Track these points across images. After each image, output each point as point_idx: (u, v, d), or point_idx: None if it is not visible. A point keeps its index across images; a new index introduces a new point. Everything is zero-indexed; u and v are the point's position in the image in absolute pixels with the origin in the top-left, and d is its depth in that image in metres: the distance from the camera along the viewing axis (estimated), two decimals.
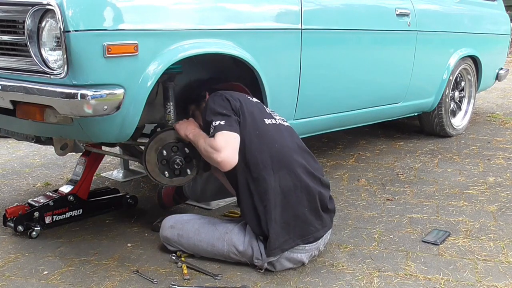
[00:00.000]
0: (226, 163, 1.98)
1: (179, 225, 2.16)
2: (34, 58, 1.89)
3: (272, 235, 1.98)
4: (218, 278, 2.00)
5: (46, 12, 1.84)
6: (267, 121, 2.13)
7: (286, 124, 2.22)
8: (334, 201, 2.19)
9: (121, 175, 3.31)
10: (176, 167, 2.21)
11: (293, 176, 2.04)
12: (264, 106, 2.26)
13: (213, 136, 2.00)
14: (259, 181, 2.02)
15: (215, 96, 2.12)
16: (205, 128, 2.09)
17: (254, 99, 2.25)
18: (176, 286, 1.94)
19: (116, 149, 2.88)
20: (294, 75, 2.65)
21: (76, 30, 1.79)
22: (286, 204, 2.02)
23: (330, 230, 2.16)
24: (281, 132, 2.14)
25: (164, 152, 2.20)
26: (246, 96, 2.23)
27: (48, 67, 1.89)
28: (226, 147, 1.97)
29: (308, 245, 2.05)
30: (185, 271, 2.03)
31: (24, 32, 1.89)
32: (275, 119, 2.19)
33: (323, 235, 2.10)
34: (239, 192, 2.08)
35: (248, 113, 2.09)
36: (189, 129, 2.16)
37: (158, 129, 2.39)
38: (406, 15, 3.32)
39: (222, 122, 2.00)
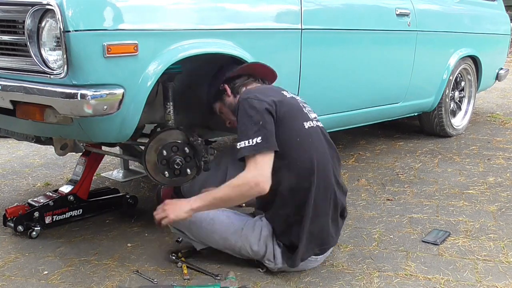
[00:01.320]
0: (265, 185, 1.83)
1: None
2: (34, 58, 1.89)
3: (301, 247, 1.92)
4: (218, 278, 1.99)
5: (46, 12, 1.84)
6: (307, 124, 1.98)
7: (320, 124, 2.09)
8: (346, 209, 2.16)
9: (121, 175, 3.31)
10: (176, 167, 2.21)
11: (328, 188, 1.97)
12: (300, 102, 2.07)
13: (242, 160, 1.86)
14: (299, 192, 1.91)
15: (245, 99, 1.91)
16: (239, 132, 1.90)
17: (289, 93, 2.06)
18: (176, 286, 1.94)
19: (116, 149, 2.88)
20: (294, 75, 2.65)
21: (76, 30, 1.79)
22: (316, 215, 1.94)
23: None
24: (319, 138, 2.01)
25: (164, 152, 2.20)
26: (281, 91, 2.05)
27: (48, 67, 1.89)
28: (264, 173, 1.82)
29: (321, 255, 2.04)
30: (185, 271, 2.03)
31: (24, 32, 1.89)
32: (311, 120, 2.04)
33: (334, 244, 2.10)
34: (273, 200, 1.95)
35: (288, 114, 1.92)
36: (184, 205, 1.94)
37: (158, 129, 2.39)
38: (406, 15, 3.32)
39: (258, 140, 1.82)
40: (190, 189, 2.55)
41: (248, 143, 1.84)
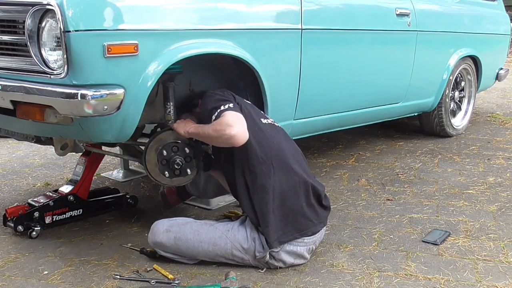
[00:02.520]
0: (239, 136, 1.97)
1: (176, 228, 2.09)
2: (34, 58, 1.89)
3: (271, 227, 2.00)
4: (176, 282, 1.97)
5: (46, 12, 1.84)
6: (264, 120, 2.19)
7: (277, 124, 2.28)
8: (328, 199, 2.22)
9: (121, 175, 3.31)
10: (176, 167, 2.21)
11: (291, 171, 2.08)
12: (255, 107, 2.29)
13: (219, 116, 2.01)
14: (257, 175, 2.03)
15: (211, 92, 2.16)
16: (206, 118, 2.09)
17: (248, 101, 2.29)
18: (176, 286, 1.94)
19: (116, 149, 2.88)
20: (294, 75, 2.65)
21: (76, 30, 1.79)
22: (284, 198, 2.04)
23: (325, 226, 2.19)
24: (277, 131, 2.19)
25: (164, 152, 2.20)
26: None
27: (48, 67, 1.89)
28: (237, 121, 1.98)
29: (307, 238, 2.08)
30: (170, 276, 2.01)
31: (24, 32, 1.89)
32: (267, 118, 2.25)
33: (319, 230, 2.13)
34: (237, 186, 2.08)
35: (246, 109, 2.13)
36: (187, 125, 2.18)
37: (158, 129, 2.39)
38: (406, 15, 3.32)
39: (229, 105, 2.03)
40: (193, 185, 2.54)
41: (220, 108, 2.02)
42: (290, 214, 2.05)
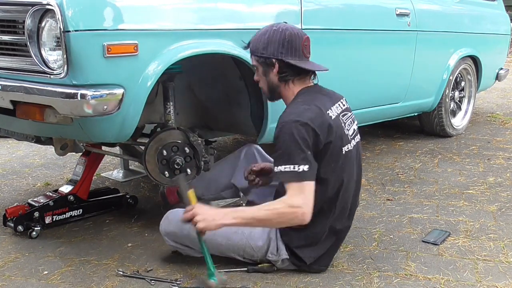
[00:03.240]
0: (308, 217, 1.84)
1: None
2: (34, 58, 1.89)
3: (311, 260, 2.01)
4: (178, 282, 1.96)
5: (46, 12, 1.84)
6: (345, 149, 1.96)
7: (357, 139, 2.08)
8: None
9: (121, 175, 3.31)
10: (176, 167, 2.21)
11: (345, 210, 2.05)
12: (343, 119, 2.01)
13: (286, 181, 1.83)
14: (319, 214, 1.94)
15: (292, 122, 1.83)
16: (275, 154, 1.87)
17: (333, 112, 1.96)
18: (176, 286, 1.94)
19: (116, 149, 2.88)
20: None
21: (76, 30, 1.79)
22: (333, 232, 2.04)
23: None
24: (352, 161, 2.01)
25: (164, 152, 2.20)
26: (326, 105, 1.96)
27: (48, 67, 1.89)
28: (308, 203, 1.82)
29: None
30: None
31: (24, 32, 1.89)
32: (350, 141, 2.01)
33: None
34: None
35: (331, 144, 1.90)
36: (221, 218, 1.88)
37: (158, 129, 2.39)
38: (406, 15, 3.32)
39: (306, 168, 1.80)
40: (196, 184, 2.54)
41: (294, 168, 1.80)
42: (333, 246, 2.06)
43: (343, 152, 1.96)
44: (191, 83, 2.54)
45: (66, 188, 2.55)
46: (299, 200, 1.81)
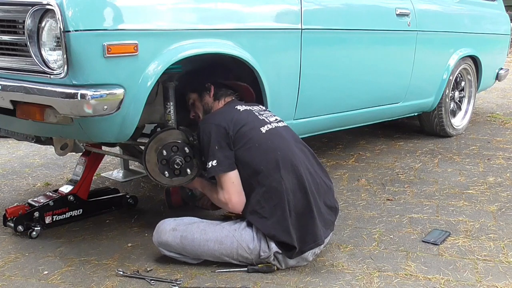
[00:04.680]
0: (238, 208, 2.10)
1: (182, 227, 2.09)
2: (34, 58, 1.89)
3: (294, 243, 1.99)
4: (178, 282, 1.97)
5: (46, 12, 1.84)
6: (263, 129, 2.14)
7: (281, 124, 2.24)
8: (337, 201, 2.23)
9: (121, 175, 3.31)
10: (176, 167, 2.21)
11: (303, 179, 2.06)
12: (256, 113, 2.23)
13: (211, 172, 2.08)
14: (271, 193, 2.02)
15: (204, 125, 2.14)
16: (203, 151, 2.14)
17: (243, 107, 2.24)
18: (176, 286, 1.94)
19: (116, 149, 2.88)
20: (294, 75, 2.65)
21: (76, 30, 1.79)
22: (299, 208, 2.03)
23: (332, 232, 2.19)
24: (279, 136, 2.15)
25: (164, 152, 2.20)
26: (235, 107, 2.22)
27: (48, 67, 1.89)
28: (230, 196, 2.08)
29: (316, 249, 2.10)
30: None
31: (24, 32, 1.89)
32: (269, 122, 2.19)
33: (327, 235, 2.14)
34: (250, 205, 2.07)
35: (242, 130, 2.10)
36: (199, 183, 2.28)
37: (158, 129, 2.39)
38: (406, 15, 3.32)
39: (214, 163, 2.06)
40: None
41: (210, 165, 2.07)
42: (305, 224, 2.04)
43: (263, 131, 2.12)
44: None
45: (66, 188, 2.55)
46: (221, 197, 2.11)
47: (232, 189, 2.08)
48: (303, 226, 2.03)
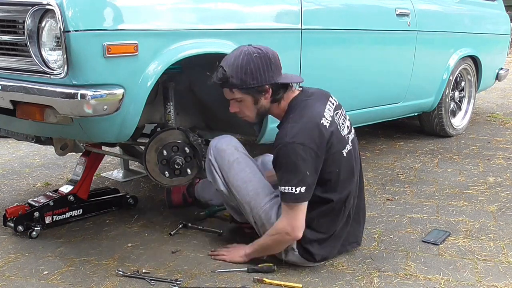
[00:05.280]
0: (298, 235, 1.94)
1: (242, 154, 2.08)
2: (34, 58, 1.89)
3: (321, 244, 2.03)
4: (178, 282, 1.96)
5: (46, 12, 1.84)
6: (345, 151, 2.00)
7: (352, 136, 2.13)
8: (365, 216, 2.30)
9: (121, 175, 3.31)
10: (177, 167, 2.21)
11: (357, 201, 2.11)
12: (339, 125, 2.03)
13: (284, 200, 1.91)
14: (327, 212, 2.01)
15: (293, 144, 1.86)
16: (275, 168, 1.93)
17: (328, 119, 1.96)
18: (176, 286, 1.94)
19: (116, 149, 2.88)
20: None
21: (76, 30, 1.79)
22: (344, 226, 2.08)
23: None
24: (353, 161, 2.06)
25: (164, 152, 2.20)
26: (321, 121, 1.93)
27: (48, 67, 1.89)
28: (297, 223, 1.91)
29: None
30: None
31: (24, 32, 1.89)
32: (347, 141, 2.04)
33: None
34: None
35: (329, 153, 1.94)
36: (241, 250, 2.11)
37: (158, 129, 2.39)
38: (406, 15, 3.32)
39: (303, 190, 1.86)
40: (204, 189, 2.53)
41: (291, 189, 1.87)
42: (339, 238, 2.08)
43: (344, 155, 2.00)
44: (191, 83, 2.54)
45: (66, 188, 2.55)
46: (283, 223, 1.93)
47: (301, 217, 1.92)
48: (335, 246, 2.09)
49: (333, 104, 2.08)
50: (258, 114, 2.04)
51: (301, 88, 2.09)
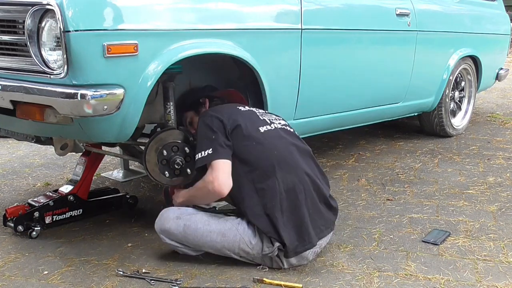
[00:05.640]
0: (221, 189, 2.02)
1: (186, 216, 2.09)
2: (34, 58, 1.89)
3: (286, 241, 1.99)
4: (178, 282, 1.97)
5: (46, 12, 1.84)
6: (262, 129, 2.15)
7: (285, 127, 2.24)
8: (335, 200, 2.22)
9: (121, 175, 3.31)
10: (177, 167, 2.21)
11: (297, 179, 2.07)
12: (258, 113, 2.24)
13: (198, 165, 2.07)
14: (264, 190, 2.03)
15: (203, 117, 2.14)
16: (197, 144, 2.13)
17: (246, 108, 2.25)
18: (176, 286, 1.94)
19: (116, 149, 2.88)
20: (294, 75, 2.65)
21: (76, 30, 1.79)
22: (293, 208, 2.04)
23: (332, 231, 2.19)
24: (278, 137, 2.16)
25: (164, 152, 2.20)
26: (237, 107, 2.23)
27: (48, 67, 1.89)
28: (218, 174, 2.02)
29: (316, 248, 2.09)
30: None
31: (24, 32, 1.89)
32: (269, 123, 2.20)
33: (326, 235, 2.14)
34: (245, 201, 2.06)
35: (240, 126, 2.10)
36: (178, 195, 2.25)
37: (158, 129, 2.39)
38: (406, 15, 3.32)
39: (209, 151, 2.03)
40: None
41: (201, 154, 2.05)
42: (300, 224, 2.04)
43: (261, 131, 2.13)
44: (191, 83, 2.54)
45: (66, 188, 2.55)
46: (209, 176, 2.03)
47: (223, 169, 2.03)
48: (296, 227, 2.03)
49: (266, 112, 2.32)
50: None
51: None
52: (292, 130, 2.27)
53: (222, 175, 2.02)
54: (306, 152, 2.21)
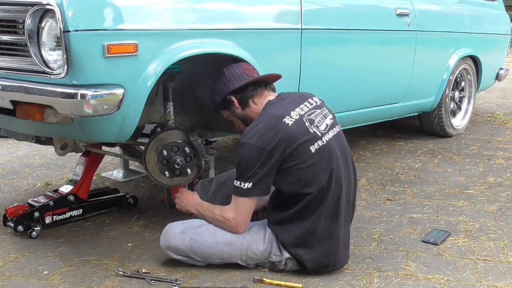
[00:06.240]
0: (237, 230, 2.02)
1: (191, 230, 2.05)
2: (34, 58, 1.89)
3: (308, 264, 2.01)
4: (178, 282, 1.97)
5: (46, 12, 1.84)
6: (313, 148, 1.97)
7: (332, 133, 2.06)
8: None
9: (121, 175, 3.31)
10: (177, 167, 2.21)
11: (336, 207, 2.01)
12: (307, 124, 2.00)
13: (233, 195, 2.00)
14: (305, 212, 1.99)
15: (246, 145, 1.94)
16: (237, 169, 2.00)
17: (292, 117, 1.98)
18: (176, 286, 1.94)
19: (116, 149, 2.88)
20: (294, 75, 2.65)
21: (76, 30, 1.79)
22: (325, 233, 2.01)
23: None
24: (328, 156, 2.00)
25: (164, 152, 2.20)
26: (283, 120, 1.96)
27: (48, 67, 1.89)
28: (240, 217, 2.00)
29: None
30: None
31: (24, 32, 1.89)
32: (320, 136, 2.00)
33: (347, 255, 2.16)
34: (278, 208, 2.03)
35: (292, 151, 1.94)
36: (192, 201, 2.19)
37: (158, 129, 2.39)
38: (406, 15, 3.32)
39: (249, 185, 1.93)
40: (204, 189, 2.53)
41: (240, 184, 1.95)
42: (330, 250, 2.02)
43: (312, 151, 1.96)
44: (191, 83, 2.54)
45: (66, 188, 2.55)
46: (231, 214, 2.01)
47: (246, 213, 2.01)
48: (325, 250, 2.01)
49: (311, 104, 2.11)
50: (244, 122, 2.15)
51: (280, 94, 2.17)
52: (341, 136, 2.13)
53: (242, 217, 2.00)
54: (351, 165, 2.12)
